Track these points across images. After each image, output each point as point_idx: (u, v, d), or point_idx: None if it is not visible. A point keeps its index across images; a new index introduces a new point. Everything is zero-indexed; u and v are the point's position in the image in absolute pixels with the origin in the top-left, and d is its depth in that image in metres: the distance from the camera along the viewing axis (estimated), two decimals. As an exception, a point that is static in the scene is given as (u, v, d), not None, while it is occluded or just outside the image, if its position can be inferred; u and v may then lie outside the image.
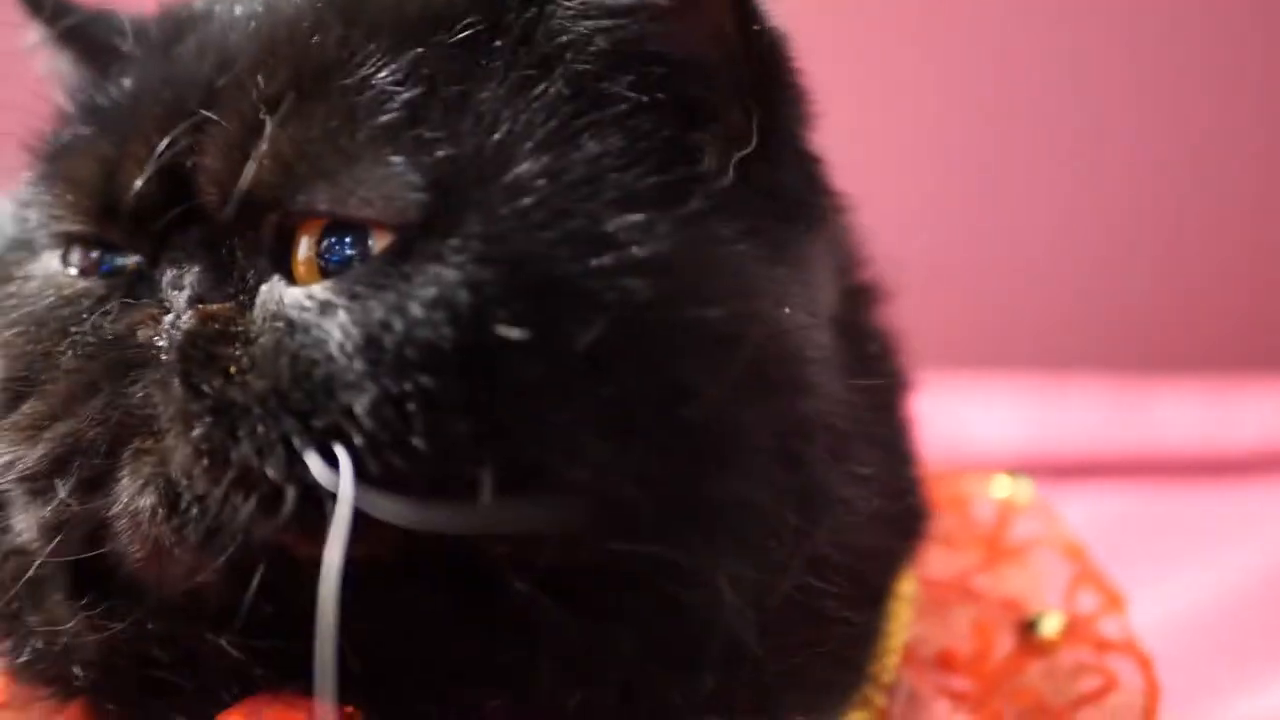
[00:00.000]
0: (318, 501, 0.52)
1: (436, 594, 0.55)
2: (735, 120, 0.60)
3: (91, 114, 0.64)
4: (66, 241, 0.63)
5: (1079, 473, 1.43)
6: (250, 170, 0.56)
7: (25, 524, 0.59)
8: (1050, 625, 0.69)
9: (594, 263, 0.54)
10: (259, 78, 0.58)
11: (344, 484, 0.51)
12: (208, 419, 0.54)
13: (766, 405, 0.57)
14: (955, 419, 0.73)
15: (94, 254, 0.62)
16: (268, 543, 0.54)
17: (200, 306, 0.57)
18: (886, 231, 0.75)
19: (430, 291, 0.53)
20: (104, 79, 0.66)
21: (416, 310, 0.53)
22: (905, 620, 0.67)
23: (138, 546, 0.56)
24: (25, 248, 0.65)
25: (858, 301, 0.71)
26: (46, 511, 0.58)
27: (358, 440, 0.52)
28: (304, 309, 0.55)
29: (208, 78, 0.60)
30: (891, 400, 0.71)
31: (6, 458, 0.59)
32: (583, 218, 0.55)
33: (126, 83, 0.64)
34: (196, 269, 0.58)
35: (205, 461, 0.54)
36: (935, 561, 0.70)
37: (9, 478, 0.59)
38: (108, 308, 0.59)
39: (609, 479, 0.53)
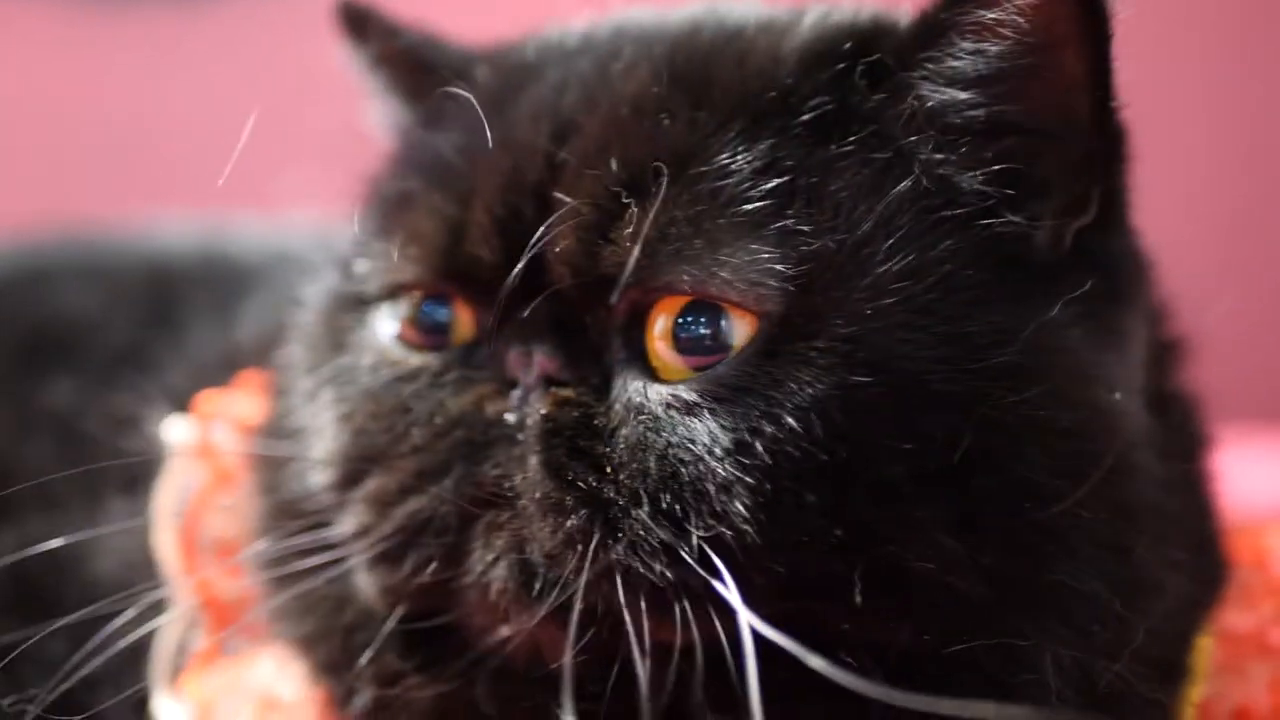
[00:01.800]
0: (702, 601, 0.54)
1: (779, 663, 0.54)
2: (1075, 191, 0.59)
3: (426, 166, 0.65)
4: (400, 292, 0.64)
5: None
6: (612, 253, 0.57)
7: (369, 586, 0.61)
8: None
9: (958, 368, 0.55)
10: (611, 160, 0.59)
11: (733, 596, 0.52)
12: (583, 512, 0.56)
13: (1102, 496, 0.56)
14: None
15: (425, 310, 0.63)
16: (641, 631, 0.54)
17: (553, 389, 0.58)
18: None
19: (802, 398, 0.54)
20: (434, 124, 0.67)
21: (788, 418, 0.54)
22: (1200, 676, 0.67)
23: (484, 615, 0.59)
24: (352, 306, 0.66)
25: (1163, 363, 0.69)
26: (394, 580, 0.60)
27: (735, 545, 0.54)
28: (669, 406, 0.56)
29: (545, 150, 0.61)
30: (1192, 463, 0.69)
31: (357, 527, 0.61)
32: (942, 320, 0.56)
33: (459, 136, 0.64)
34: (545, 346, 0.59)
35: (578, 549, 0.55)
36: (1233, 616, 0.69)
37: (359, 545, 0.61)
38: (445, 381, 0.61)
39: (957, 575, 0.54)
